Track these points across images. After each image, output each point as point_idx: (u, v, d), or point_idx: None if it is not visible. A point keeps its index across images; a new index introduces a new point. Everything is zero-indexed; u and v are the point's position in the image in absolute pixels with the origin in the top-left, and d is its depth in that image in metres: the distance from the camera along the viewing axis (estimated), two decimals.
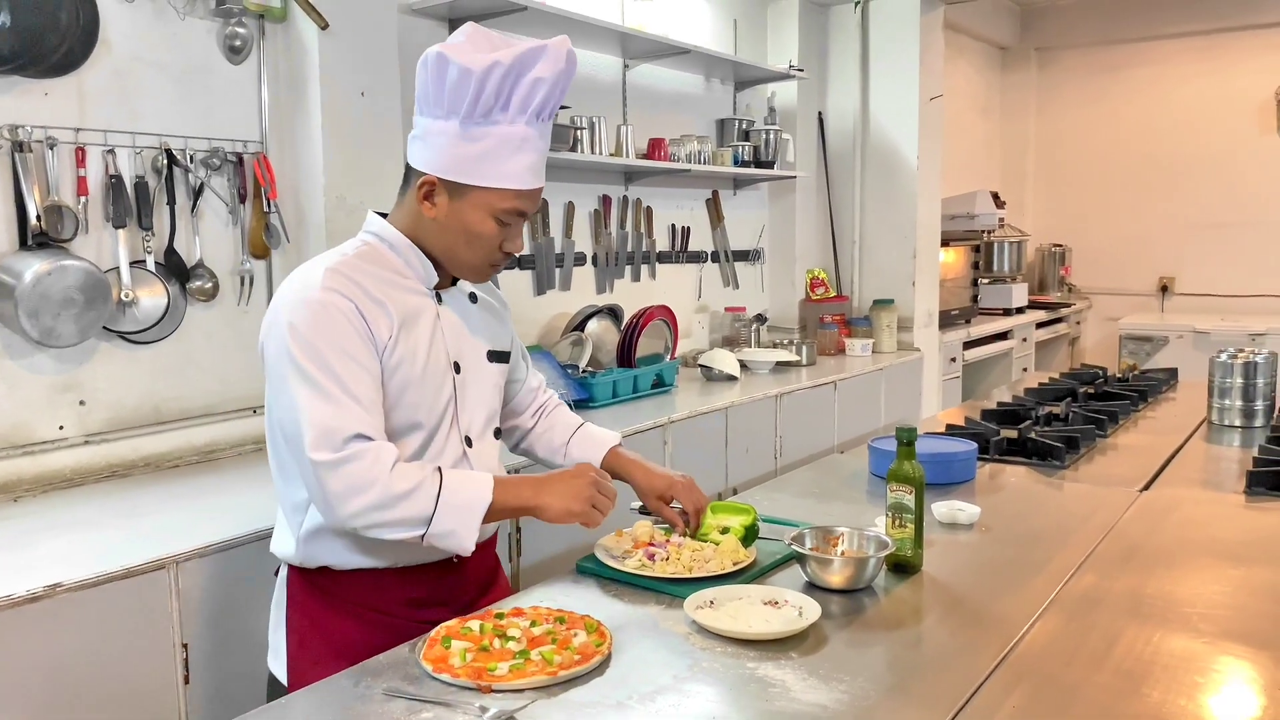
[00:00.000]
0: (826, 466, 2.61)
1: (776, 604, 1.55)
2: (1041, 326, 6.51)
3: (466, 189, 1.56)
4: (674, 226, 4.35)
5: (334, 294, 1.52)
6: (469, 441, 1.69)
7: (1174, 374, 3.78)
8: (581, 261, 3.89)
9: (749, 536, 1.80)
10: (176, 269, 2.56)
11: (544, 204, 3.67)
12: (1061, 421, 2.88)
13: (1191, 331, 6.16)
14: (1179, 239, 6.84)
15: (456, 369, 1.67)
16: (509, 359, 1.83)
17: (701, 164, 4.10)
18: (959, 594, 1.66)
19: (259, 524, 2.00)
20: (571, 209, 3.81)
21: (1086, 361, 6.49)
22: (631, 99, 4.06)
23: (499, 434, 1.81)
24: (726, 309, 4.60)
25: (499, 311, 1.84)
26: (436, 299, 1.67)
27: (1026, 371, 6.16)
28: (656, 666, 1.38)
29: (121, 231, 2.42)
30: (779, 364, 4.18)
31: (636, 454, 1.93)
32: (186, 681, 1.90)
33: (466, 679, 1.31)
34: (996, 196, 6.23)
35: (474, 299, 1.76)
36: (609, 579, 1.71)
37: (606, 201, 3.97)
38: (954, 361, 5.36)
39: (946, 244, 5.55)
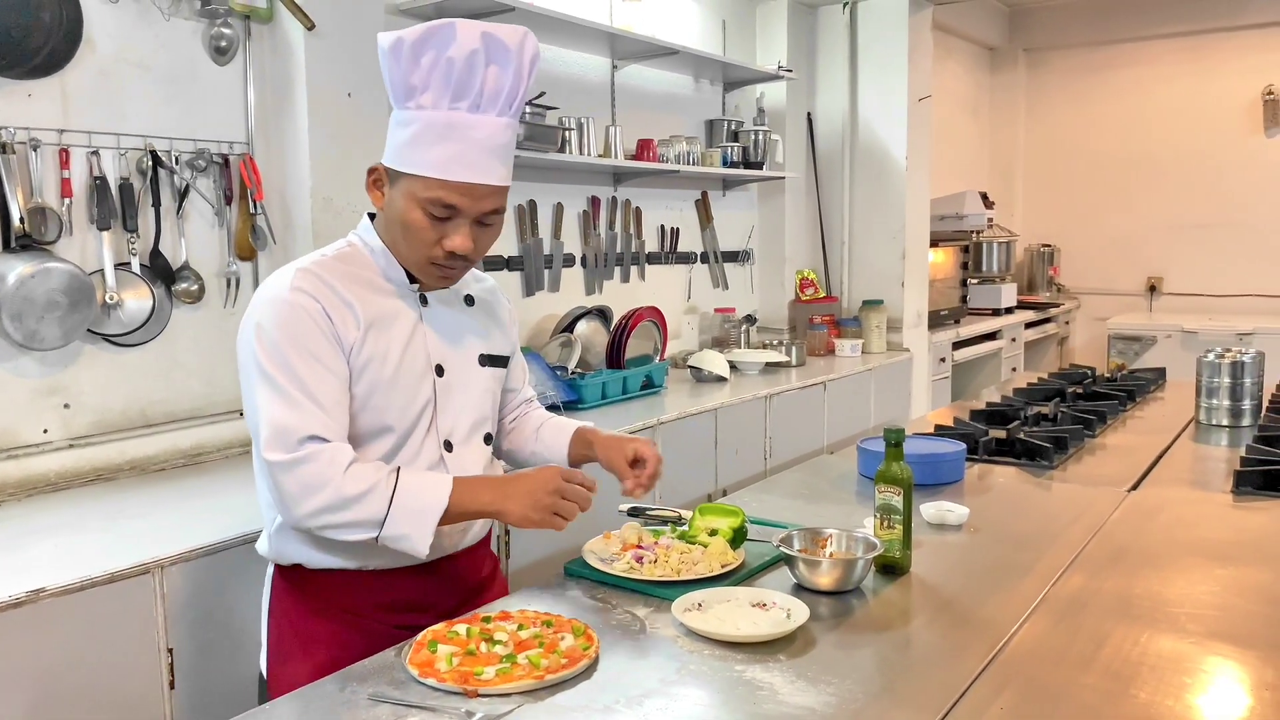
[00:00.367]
0: (816, 467, 2.61)
1: (765, 606, 1.54)
2: (1030, 326, 6.53)
3: (398, 175, 1.54)
4: (663, 227, 4.35)
5: (302, 294, 1.51)
6: (448, 446, 1.66)
7: (1162, 374, 3.79)
8: (570, 263, 3.89)
9: (737, 539, 1.80)
10: (162, 271, 2.54)
11: (532, 205, 3.67)
12: (1050, 422, 2.88)
13: (1179, 331, 6.18)
14: (1167, 239, 6.87)
15: (439, 372, 1.64)
16: (507, 364, 1.81)
17: (690, 165, 4.10)
18: (947, 595, 1.66)
19: (245, 527, 1.99)
20: (560, 210, 3.80)
21: (1075, 361, 6.50)
22: (620, 100, 4.06)
23: (489, 439, 1.76)
24: (716, 310, 4.60)
25: (500, 317, 1.81)
26: (422, 300, 1.65)
27: (1015, 371, 6.17)
28: (644, 670, 1.37)
29: (106, 233, 2.40)
30: (768, 365, 4.18)
31: (598, 429, 1.88)
32: (172, 687, 1.89)
33: (452, 683, 1.30)
34: (985, 197, 6.24)
35: (470, 302, 1.73)
36: (597, 582, 1.70)
37: (595, 202, 3.97)
38: (943, 362, 5.37)
39: (935, 244, 5.56)
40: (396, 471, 1.52)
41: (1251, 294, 6.60)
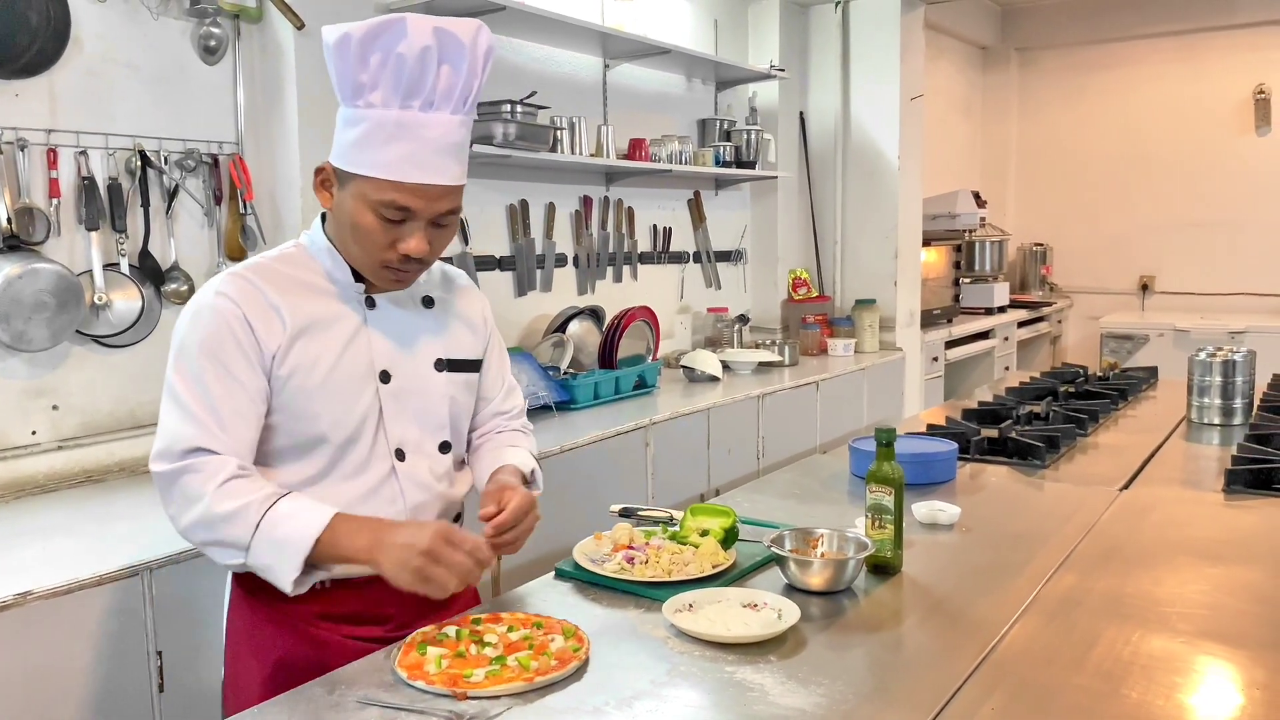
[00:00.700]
0: (808, 467, 2.60)
1: (756, 607, 1.54)
2: (1023, 325, 6.54)
3: (347, 177, 1.49)
4: (655, 227, 4.35)
5: (224, 299, 1.47)
6: (400, 455, 1.58)
7: (1154, 372, 3.80)
8: (562, 262, 3.88)
9: (728, 539, 1.79)
10: (151, 272, 2.53)
11: (524, 205, 3.66)
12: (1042, 420, 2.88)
13: (1172, 330, 6.19)
14: (1159, 238, 6.88)
15: (384, 378, 1.57)
16: (475, 369, 1.71)
17: (683, 164, 4.09)
18: (939, 595, 1.65)
19: None
20: (552, 210, 3.79)
21: (1067, 360, 6.52)
22: (612, 99, 4.05)
23: (447, 448, 1.66)
24: (709, 310, 4.59)
25: (470, 319, 1.72)
26: (369, 303, 1.58)
27: (1008, 370, 6.18)
28: (635, 671, 1.36)
29: (95, 234, 2.39)
30: (761, 364, 4.17)
31: (512, 477, 1.65)
32: (161, 689, 1.88)
33: (442, 686, 1.29)
34: (978, 196, 6.24)
35: (429, 304, 1.65)
36: (588, 583, 1.70)
37: (587, 202, 3.96)
38: (936, 361, 5.37)
39: (928, 243, 5.56)
40: (280, 495, 1.42)
41: (1243, 293, 6.62)
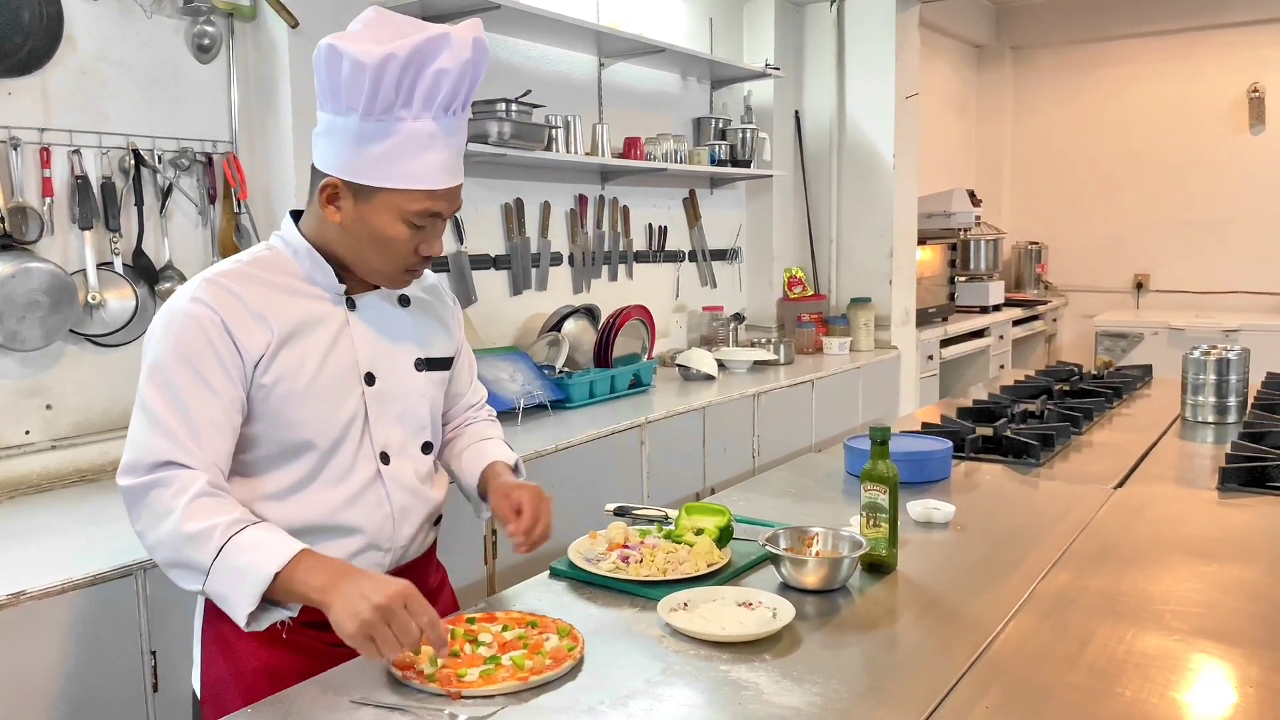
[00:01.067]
0: (804, 466, 2.60)
1: (751, 605, 1.54)
2: (1018, 324, 6.54)
3: (372, 191, 1.46)
4: (651, 226, 4.34)
5: (201, 306, 1.42)
6: (384, 458, 1.57)
7: (1149, 371, 3.80)
8: (558, 261, 3.88)
9: (723, 538, 1.79)
10: (145, 271, 2.52)
11: (519, 204, 3.66)
12: (1037, 419, 2.89)
13: (1166, 328, 6.21)
14: (1154, 236, 6.90)
15: (369, 380, 1.55)
16: (449, 366, 1.71)
17: (678, 163, 4.09)
18: (934, 594, 1.65)
19: None
20: (547, 208, 3.79)
21: (1062, 359, 6.54)
22: (607, 98, 4.05)
23: (429, 448, 1.66)
24: (704, 308, 4.59)
25: (442, 315, 1.71)
26: (348, 305, 1.56)
27: (1003, 369, 6.19)
28: (629, 670, 1.36)
29: (88, 233, 2.39)
30: (757, 363, 4.17)
31: (508, 474, 1.72)
32: (155, 690, 1.88)
33: (436, 685, 1.29)
34: (973, 195, 6.25)
35: (405, 302, 1.64)
36: (583, 582, 1.69)
37: (583, 201, 3.96)
38: (931, 359, 5.38)
39: (923, 242, 5.57)
40: (249, 523, 1.37)
41: (1238, 291, 6.63)
